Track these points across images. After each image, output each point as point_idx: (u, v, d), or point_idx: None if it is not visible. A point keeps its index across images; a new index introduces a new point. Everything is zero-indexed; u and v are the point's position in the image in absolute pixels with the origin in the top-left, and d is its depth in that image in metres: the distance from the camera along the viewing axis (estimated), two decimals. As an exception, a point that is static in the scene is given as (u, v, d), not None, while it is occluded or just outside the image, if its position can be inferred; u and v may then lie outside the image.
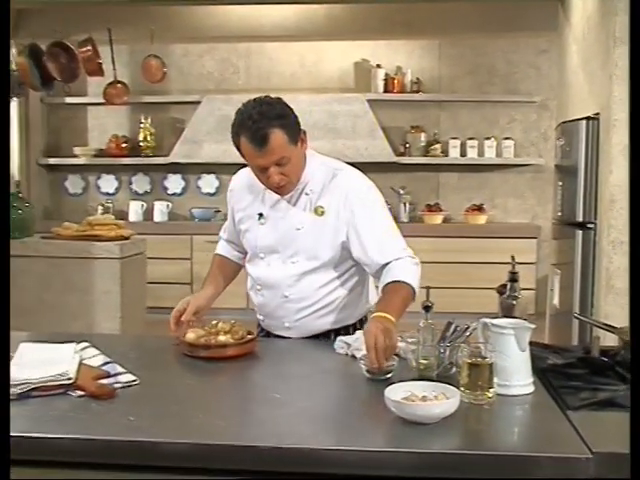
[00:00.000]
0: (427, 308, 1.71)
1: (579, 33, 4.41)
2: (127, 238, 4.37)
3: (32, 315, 4.02)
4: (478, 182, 6.43)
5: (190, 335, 2.05)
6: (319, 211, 2.13)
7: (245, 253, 2.38)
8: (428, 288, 1.72)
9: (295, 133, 2.06)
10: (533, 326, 1.67)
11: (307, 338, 2.23)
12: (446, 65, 6.37)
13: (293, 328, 2.22)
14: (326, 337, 2.23)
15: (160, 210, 6.41)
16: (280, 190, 2.12)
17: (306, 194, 2.15)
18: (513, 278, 1.83)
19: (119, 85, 6.07)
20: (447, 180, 6.45)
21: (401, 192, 6.25)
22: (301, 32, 5.93)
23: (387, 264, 2.08)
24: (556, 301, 4.42)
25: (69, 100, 6.37)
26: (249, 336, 2.05)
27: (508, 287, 1.83)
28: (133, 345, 2.37)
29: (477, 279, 5.75)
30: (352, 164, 2.23)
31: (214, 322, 2.12)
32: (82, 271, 4.22)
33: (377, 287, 2.18)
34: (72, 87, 5.75)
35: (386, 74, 6.29)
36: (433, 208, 6.25)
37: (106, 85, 6.06)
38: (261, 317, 2.33)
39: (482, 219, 6.19)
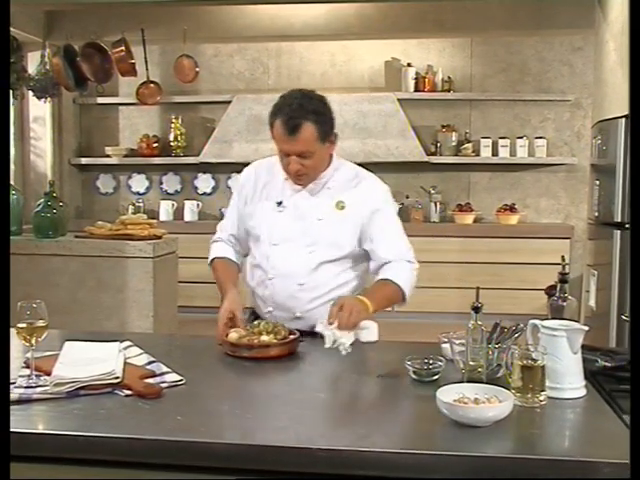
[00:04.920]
0: (476, 309, 1.67)
1: (617, 30, 4.33)
2: (159, 237, 4.38)
3: (66, 313, 4.04)
4: (510, 182, 6.35)
5: (233, 335, 2.05)
6: (340, 205, 2.25)
7: (244, 253, 2.44)
8: (478, 289, 1.69)
9: (326, 132, 2.16)
10: (586, 328, 1.64)
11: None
12: (478, 63, 6.30)
13: (303, 318, 2.25)
14: None
15: (190, 209, 6.43)
16: (297, 179, 2.23)
17: (328, 188, 2.27)
18: (563, 279, 1.79)
19: (152, 85, 6.09)
20: (478, 180, 6.39)
21: (432, 192, 6.19)
22: (331, 31, 5.90)
23: (389, 262, 2.24)
24: (592, 303, 4.35)
25: (101, 100, 6.40)
26: (291, 336, 2.05)
27: (558, 288, 1.79)
28: (174, 344, 2.36)
29: (512, 280, 5.71)
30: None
31: (256, 322, 2.12)
32: (115, 270, 4.24)
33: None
34: (104, 87, 5.79)
35: (417, 73, 6.23)
36: (464, 208, 6.18)
37: (139, 85, 6.08)
38: (269, 309, 2.33)
39: (514, 219, 6.11)
